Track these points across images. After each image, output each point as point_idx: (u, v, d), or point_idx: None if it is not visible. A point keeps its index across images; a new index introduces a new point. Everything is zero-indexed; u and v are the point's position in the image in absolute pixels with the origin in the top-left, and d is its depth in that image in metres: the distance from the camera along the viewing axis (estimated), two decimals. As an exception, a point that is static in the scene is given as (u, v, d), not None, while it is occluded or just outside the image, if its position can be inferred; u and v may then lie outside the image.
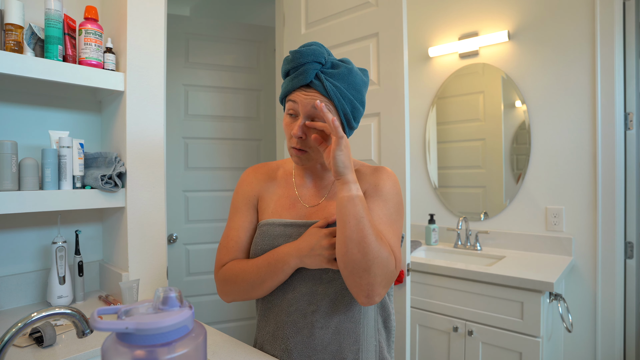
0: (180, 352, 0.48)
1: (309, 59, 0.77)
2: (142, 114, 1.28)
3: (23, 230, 1.27)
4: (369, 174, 0.86)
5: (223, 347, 0.94)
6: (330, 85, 0.77)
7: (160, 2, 1.32)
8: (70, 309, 0.64)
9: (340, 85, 0.78)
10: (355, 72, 0.80)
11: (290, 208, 0.88)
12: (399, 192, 0.85)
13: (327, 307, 0.81)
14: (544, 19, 1.85)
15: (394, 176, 0.86)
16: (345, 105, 0.79)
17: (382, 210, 0.80)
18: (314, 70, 0.77)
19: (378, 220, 0.78)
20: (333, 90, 0.77)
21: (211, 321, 2.28)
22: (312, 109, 0.78)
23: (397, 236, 0.80)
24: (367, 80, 0.84)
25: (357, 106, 0.81)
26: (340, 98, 0.78)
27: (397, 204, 0.83)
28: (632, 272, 1.69)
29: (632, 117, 1.69)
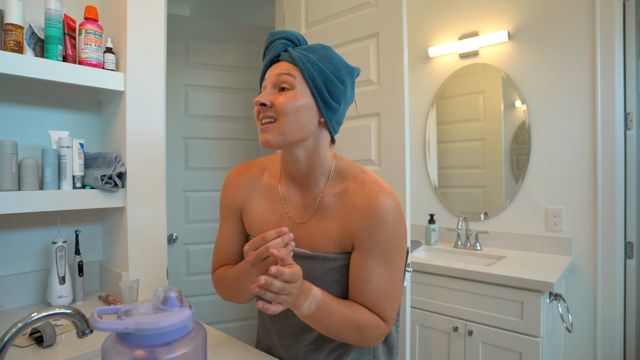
0: (180, 352, 0.48)
1: (280, 36, 0.76)
2: (142, 114, 1.28)
3: (23, 230, 1.27)
4: (361, 208, 0.73)
5: (223, 347, 0.94)
6: (298, 54, 0.73)
7: (160, 2, 1.32)
8: (70, 309, 0.64)
9: (310, 55, 0.73)
10: (332, 51, 0.76)
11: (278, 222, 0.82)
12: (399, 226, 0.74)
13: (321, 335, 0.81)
14: (544, 19, 1.85)
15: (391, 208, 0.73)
16: (314, 72, 0.72)
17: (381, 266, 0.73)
18: (283, 46, 0.75)
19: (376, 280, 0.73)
20: (300, 57, 0.72)
21: (211, 321, 2.28)
22: (277, 76, 0.73)
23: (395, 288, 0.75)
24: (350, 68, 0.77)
25: (332, 78, 0.73)
26: (308, 64, 0.72)
27: (398, 245, 0.74)
28: (632, 272, 1.69)
29: (632, 117, 1.69)
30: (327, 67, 0.73)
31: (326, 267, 0.77)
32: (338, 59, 0.75)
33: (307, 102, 0.73)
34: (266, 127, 0.73)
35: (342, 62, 0.75)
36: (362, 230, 0.73)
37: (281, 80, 0.73)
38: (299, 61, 0.72)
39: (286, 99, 0.72)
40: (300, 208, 0.80)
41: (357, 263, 0.74)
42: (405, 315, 1.39)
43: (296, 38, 0.76)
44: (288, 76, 0.72)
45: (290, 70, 0.72)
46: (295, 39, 0.76)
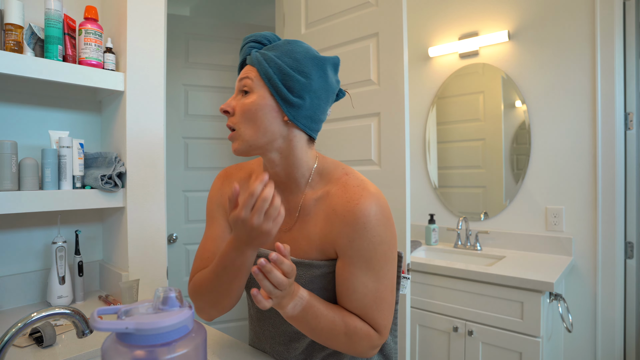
0: (180, 352, 0.48)
1: (249, 40, 0.74)
2: (142, 114, 1.28)
3: (23, 230, 1.27)
4: (341, 215, 0.70)
5: (223, 347, 0.93)
6: (258, 54, 0.71)
7: (160, 2, 1.32)
8: (70, 309, 0.64)
9: (269, 54, 0.70)
10: (295, 43, 0.71)
11: None
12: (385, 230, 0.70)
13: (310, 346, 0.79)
14: (544, 19, 1.85)
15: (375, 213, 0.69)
16: (269, 70, 0.68)
17: (366, 274, 0.69)
18: (249, 49, 0.73)
19: (362, 289, 0.69)
20: (257, 57, 0.70)
21: (211, 321, 2.28)
22: (239, 82, 0.72)
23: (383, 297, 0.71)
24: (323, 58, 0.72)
25: (290, 73, 0.68)
26: (264, 63, 0.69)
27: (385, 251, 0.70)
28: (632, 272, 1.69)
29: (632, 117, 1.69)
30: (286, 62, 0.69)
31: (311, 274, 0.74)
32: (301, 52, 0.70)
33: (264, 103, 0.69)
34: (230, 137, 0.72)
35: (306, 54, 0.70)
36: (342, 237, 0.69)
37: (242, 85, 0.71)
38: (255, 61, 0.70)
39: (242, 105, 0.70)
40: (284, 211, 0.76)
41: (341, 271, 0.71)
42: (405, 315, 1.39)
43: (266, 39, 0.73)
44: (247, 79, 0.70)
45: (248, 73, 0.70)
46: (265, 39, 0.73)
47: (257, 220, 0.62)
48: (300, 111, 0.70)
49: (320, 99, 0.71)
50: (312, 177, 0.75)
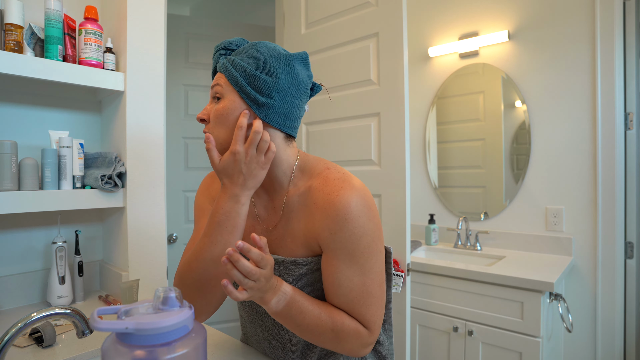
0: (180, 352, 0.48)
1: (218, 48, 0.75)
2: (142, 114, 1.28)
3: (23, 230, 1.27)
4: (321, 207, 0.69)
5: (223, 347, 0.93)
6: (225, 60, 0.72)
7: (160, 2, 1.32)
8: (70, 309, 0.64)
9: (235, 58, 0.71)
10: (260, 45, 0.72)
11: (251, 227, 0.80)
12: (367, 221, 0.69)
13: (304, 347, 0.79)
14: (544, 19, 1.85)
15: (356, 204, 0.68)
16: (236, 74, 0.69)
17: (349, 267, 0.69)
18: (219, 57, 0.74)
19: (347, 283, 0.69)
20: (225, 63, 0.71)
21: (211, 321, 2.28)
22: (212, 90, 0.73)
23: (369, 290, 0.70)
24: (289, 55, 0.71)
25: (256, 74, 0.68)
26: (231, 68, 0.70)
27: (368, 244, 0.69)
28: (632, 272, 1.69)
29: (632, 117, 1.69)
30: (252, 64, 0.69)
31: (298, 271, 0.74)
32: (266, 52, 0.70)
33: (234, 106, 0.70)
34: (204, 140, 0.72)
35: (271, 53, 0.70)
36: (324, 230, 0.69)
37: (213, 92, 0.73)
38: (222, 68, 0.71)
39: (215, 109, 0.71)
40: (270, 211, 0.78)
41: (325, 266, 0.71)
42: (405, 315, 1.39)
43: (234, 45, 0.74)
44: (217, 86, 0.72)
45: (218, 80, 0.72)
46: (234, 45, 0.74)
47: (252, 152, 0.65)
48: (271, 110, 0.70)
49: (291, 96, 0.71)
50: (294, 174, 0.75)
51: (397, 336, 1.41)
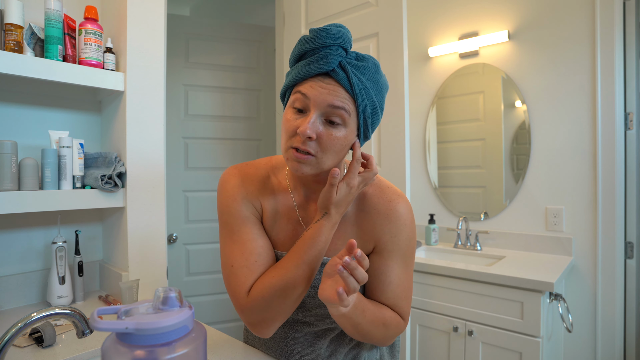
0: (180, 352, 0.48)
1: (335, 42, 0.63)
2: (142, 114, 1.28)
3: (23, 230, 1.27)
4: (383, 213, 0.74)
5: (223, 347, 0.93)
6: (357, 80, 0.63)
7: (160, 2, 1.32)
8: (70, 309, 0.64)
9: (366, 82, 0.64)
10: (381, 71, 0.68)
11: (293, 236, 0.76)
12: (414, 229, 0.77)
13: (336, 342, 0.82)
14: (544, 19, 1.85)
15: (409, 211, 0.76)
16: (368, 108, 0.65)
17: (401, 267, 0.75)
18: (338, 57, 0.62)
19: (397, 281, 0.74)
20: (359, 86, 0.63)
21: (211, 321, 2.28)
22: (330, 108, 0.62)
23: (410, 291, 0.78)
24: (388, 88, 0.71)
25: (378, 112, 0.67)
26: (365, 97, 0.64)
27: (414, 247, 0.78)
28: (632, 272, 1.69)
29: (632, 117, 1.69)
30: (377, 97, 0.66)
31: None
32: (385, 84, 0.69)
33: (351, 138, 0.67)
34: (302, 159, 0.64)
35: (386, 85, 0.69)
36: (385, 233, 0.74)
37: (334, 114, 0.63)
38: (358, 94, 0.63)
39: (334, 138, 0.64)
40: (314, 214, 0.75)
41: (378, 265, 0.75)
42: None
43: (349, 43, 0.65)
44: (344, 112, 0.63)
45: (346, 104, 0.63)
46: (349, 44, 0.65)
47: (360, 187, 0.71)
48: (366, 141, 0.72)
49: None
50: None
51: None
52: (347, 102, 0.63)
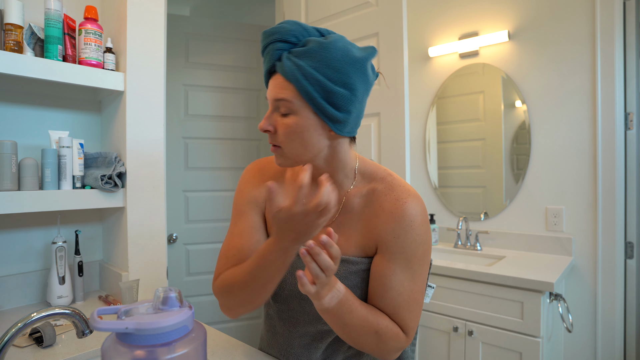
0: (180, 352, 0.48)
1: (272, 38, 0.65)
2: (142, 114, 1.28)
3: (23, 230, 1.27)
4: (388, 210, 0.71)
5: (223, 347, 0.93)
6: (291, 65, 0.63)
7: (160, 2, 1.32)
8: (70, 309, 0.64)
9: (303, 64, 0.62)
10: (332, 47, 0.63)
11: None
12: (427, 231, 0.71)
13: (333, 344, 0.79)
14: (544, 19, 1.85)
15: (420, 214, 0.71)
16: (310, 89, 0.62)
17: (404, 272, 0.70)
18: (277, 52, 0.65)
19: (398, 287, 0.70)
20: (292, 70, 0.62)
21: (211, 321, 2.28)
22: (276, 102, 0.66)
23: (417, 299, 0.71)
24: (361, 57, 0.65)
25: (333, 89, 0.63)
26: (303, 80, 0.62)
27: (424, 252, 0.71)
28: (632, 272, 1.69)
29: (632, 117, 1.69)
30: (327, 74, 0.63)
31: (346, 270, 0.73)
32: (340, 58, 0.63)
33: (309, 123, 0.66)
34: (274, 151, 0.70)
35: (345, 58, 0.63)
36: (388, 233, 0.70)
37: (280, 106, 0.66)
38: (290, 76, 0.63)
39: (286, 127, 0.66)
40: None
41: (379, 268, 0.71)
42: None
43: (294, 36, 0.65)
44: (284, 102, 0.65)
45: (285, 94, 0.64)
46: (293, 37, 0.65)
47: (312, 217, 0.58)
48: (346, 124, 0.67)
49: (363, 102, 0.69)
50: (356, 175, 0.76)
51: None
52: (286, 92, 0.65)
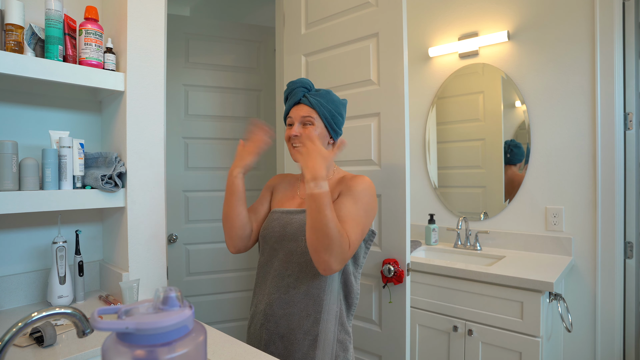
0: (180, 352, 0.48)
1: (299, 85, 1.12)
2: (142, 114, 1.28)
3: (23, 230, 1.27)
4: (349, 178, 1.08)
5: (223, 347, 0.94)
6: (314, 99, 1.10)
7: (160, 2, 1.33)
8: (71, 309, 0.64)
9: (320, 100, 1.10)
10: (332, 94, 1.13)
11: (290, 199, 1.17)
12: (371, 195, 1.05)
13: (298, 273, 1.03)
14: (544, 19, 1.85)
15: (369, 182, 1.06)
16: (326, 113, 1.10)
17: (351, 204, 1.00)
18: (302, 92, 1.12)
19: (345, 211, 0.98)
20: (316, 102, 1.09)
21: (211, 321, 2.28)
22: (302, 117, 1.10)
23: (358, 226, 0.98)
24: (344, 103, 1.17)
25: (336, 115, 1.12)
26: (321, 107, 1.09)
27: (367, 203, 1.03)
28: (632, 272, 1.69)
29: (632, 117, 1.69)
30: (332, 107, 1.11)
31: None
32: (338, 101, 1.14)
33: (323, 132, 1.11)
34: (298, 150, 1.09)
35: (339, 101, 1.14)
36: (345, 187, 1.05)
37: (306, 120, 1.09)
38: (316, 106, 1.09)
39: (309, 132, 1.07)
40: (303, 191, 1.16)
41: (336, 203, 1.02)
42: (405, 315, 1.39)
43: (308, 85, 1.14)
44: (310, 117, 1.09)
45: (311, 114, 1.09)
46: (308, 85, 1.13)
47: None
48: (338, 136, 1.15)
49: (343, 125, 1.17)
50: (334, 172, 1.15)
51: (397, 336, 1.41)
52: (311, 113, 1.10)
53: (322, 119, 1.10)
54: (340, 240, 0.91)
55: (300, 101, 1.12)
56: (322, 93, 1.12)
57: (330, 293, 1.05)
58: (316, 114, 1.09)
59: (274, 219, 1.12)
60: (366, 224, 1.02)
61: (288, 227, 1.07)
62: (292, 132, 1.09)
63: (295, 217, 1.08)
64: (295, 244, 1.05)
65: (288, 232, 1.07)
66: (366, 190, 1.04)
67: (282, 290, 1.04)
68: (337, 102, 1.13)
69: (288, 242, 1.06)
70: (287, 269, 1.05)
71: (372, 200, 1.05)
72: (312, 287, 1.03)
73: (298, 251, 1.05)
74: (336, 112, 1.11)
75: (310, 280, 1.03)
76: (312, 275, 1.03)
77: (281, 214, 1.12)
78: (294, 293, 1.03)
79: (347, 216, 0.98)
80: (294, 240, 1.06)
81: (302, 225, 1.05)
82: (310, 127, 1.09)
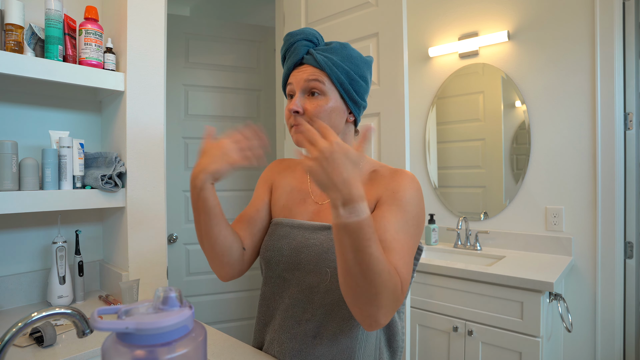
0: (180, 352, 0.48)
1: (300, 37, 0.78)
2: (142, 114, 1.28)
3: (23, 230, 1.27)
4: (388, 176, 0.77)
5: (223, 347, 0.94)
6: (322, 57, 0.76)
7: (160, 3, 1.32)
8: (71, 309, 0.64)
9: (332, 57, 0.76)
10: (350, 48, 0.78)
11: (300, 204, 0.85)
12: (420, 201, 0.75)
13: (322, 317, 0.76)
14: (544, 19, 1.85)
15: (416, 183, 0.76)
16: (340, 75, 0.75)
17: (399, 222, 0.70)
18: (304, 47, 0.77)
19: (393, 233, 0.68)
20: (324, 60, 0.75)
21: (211, 321, 2.28)
22: (306, 82, 0.76)
23: (410, 254, 0.70)
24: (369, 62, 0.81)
25: (356, 78, 0.76)
26: (333, 67, 0.75)
27: (417, 215, 0.73)
28: (632, 272, 1.69)
29: (632, 117, 1.69)
30: (350, 67, 0.76)
31: None
32: (358, 57, 0.78)
33: (338, 105, 0.77)
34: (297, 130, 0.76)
35: (361, 58, 0.78)
36: (387, 190, 0.75)
37: (310, 87, 0.76)
38: (325, 65, 0.75)
39: (318, 105, 0.76)
40: None
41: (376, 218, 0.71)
42: (405, 315, 1.39)
43: (314, 37, 0.78)
44: (317, 82, 0.75)
45: (318, 76, 0.75)
46: (314, 37, 0.78)
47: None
48: (361, 110, 0.81)
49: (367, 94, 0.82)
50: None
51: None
52: (318, 75, 0.76)
53: (335, 85, 0.76)
54: (392, 286, 0.61)
55: (302, 60, 0.78)
56: (335, 47, 0.76)
57: (366, 341, 0.78)
58: (326, 77, 0.75)
59: (281, 236, 0.81)
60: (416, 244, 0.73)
61: (305, 252, 0.77)
62: (291, 105, 0.76)
63: (314, 237, 0.77)
64: (317, 278, 0.75)
65: (305, 260, 0.77)
66: (416, 197, 0.74)
67: (299, 339, 0.77)
68: (358, 60, 0.77)
69: (306, 274, 0.77)
70: (305, 311, 0.77)
71: (422, 208, 0.75)
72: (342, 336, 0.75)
73: (322, 289, 0.75)
74: (357, 74, 0.76)
75: (338, 327, 0.75)
76: (342, 319, 0.75)
77: (291, 229, 0.81)
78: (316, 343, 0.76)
79: (396, 241, 0.68)
80: (314, 272, 0.76)
81: (326, 249, 0.75)
82: (319, 99, 0.75)
